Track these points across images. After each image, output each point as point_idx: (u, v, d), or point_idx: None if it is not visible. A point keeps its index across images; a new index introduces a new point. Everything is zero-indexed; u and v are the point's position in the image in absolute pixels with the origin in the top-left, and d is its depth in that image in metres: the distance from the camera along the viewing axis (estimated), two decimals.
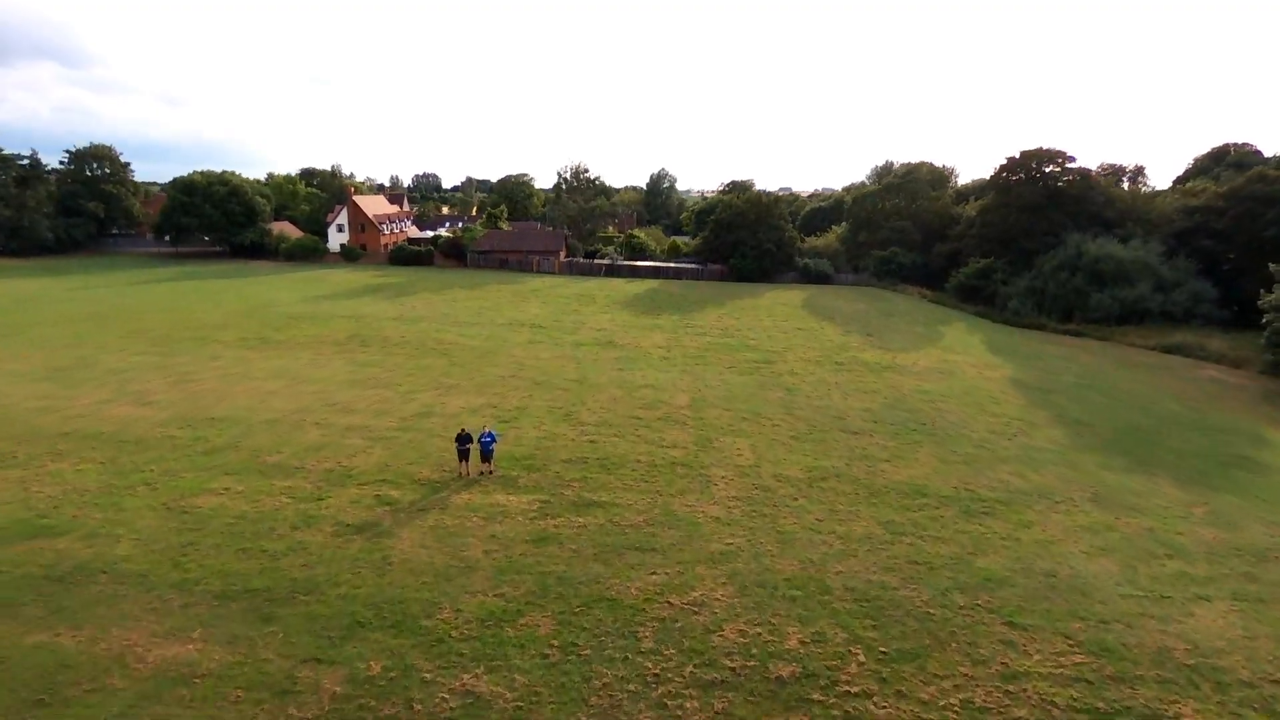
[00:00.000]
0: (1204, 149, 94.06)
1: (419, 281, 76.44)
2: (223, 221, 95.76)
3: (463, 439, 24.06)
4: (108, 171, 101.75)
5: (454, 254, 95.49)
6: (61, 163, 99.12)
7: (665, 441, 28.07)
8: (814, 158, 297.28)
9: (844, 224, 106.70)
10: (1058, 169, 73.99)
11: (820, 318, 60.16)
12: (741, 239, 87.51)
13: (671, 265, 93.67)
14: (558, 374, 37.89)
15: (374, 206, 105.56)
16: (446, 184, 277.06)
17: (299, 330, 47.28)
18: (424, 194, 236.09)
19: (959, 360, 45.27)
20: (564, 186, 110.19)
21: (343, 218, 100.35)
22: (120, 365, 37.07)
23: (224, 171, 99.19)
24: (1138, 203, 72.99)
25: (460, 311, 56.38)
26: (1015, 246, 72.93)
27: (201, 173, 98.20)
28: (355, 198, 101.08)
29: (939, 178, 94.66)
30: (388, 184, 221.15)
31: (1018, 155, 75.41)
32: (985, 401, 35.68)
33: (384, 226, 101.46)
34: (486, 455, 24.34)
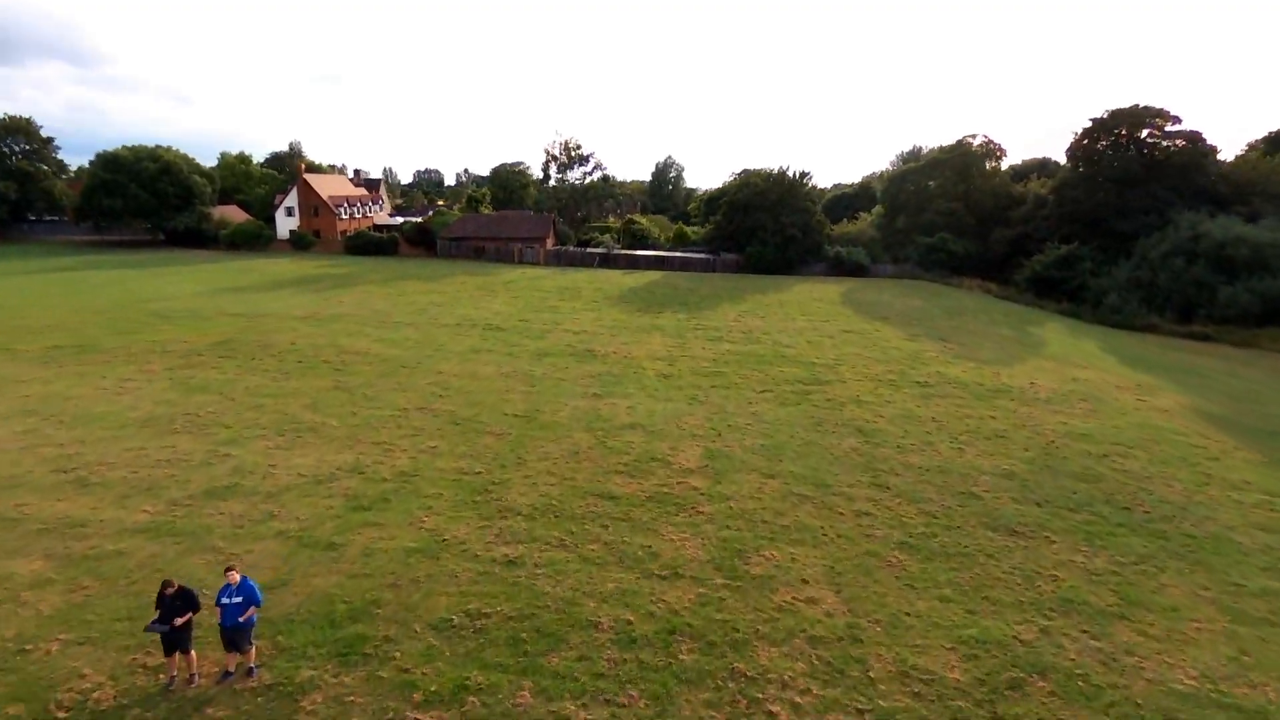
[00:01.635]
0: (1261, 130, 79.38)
1: (370, 272, 62.75)
2: (153, 204, 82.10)
3: (173, 604, 10.24)
4: (25, 148, 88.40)
5: (422, 242, 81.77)
6: None
7: (658, 560, 14.23)
8: (828, 151, 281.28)
9: (876, 209, 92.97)
10: (1157, 133, 59.77)
11: (870, 317, 46.13)
12: (760, 223, 73.46)
13: (678, 255, 79.72)
14: (496, 403, 24.10)
15: (330, 187, 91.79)
16: (450, 180, 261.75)
17: (152, 334, 33.55)
18: (424, 190, 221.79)
19: (1093, 379, 31.17)
20: (553, 165, 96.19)
21: (293, 199, 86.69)
22: None
23: (156, 146, 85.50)
24: (1261, 172, 58.66)
25: (399, 308, 42.61)
26: (1105, 229, 58.81)
27: (129, 147, 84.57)
28: (307, 176, 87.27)
29: (991, 152, 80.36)
30: (382, 177, 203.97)
31: (1104, 115, 61.16)
32: (1193, 456, 21.63)
33: (342, 210, 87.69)
34: (234, 638, 10.56)
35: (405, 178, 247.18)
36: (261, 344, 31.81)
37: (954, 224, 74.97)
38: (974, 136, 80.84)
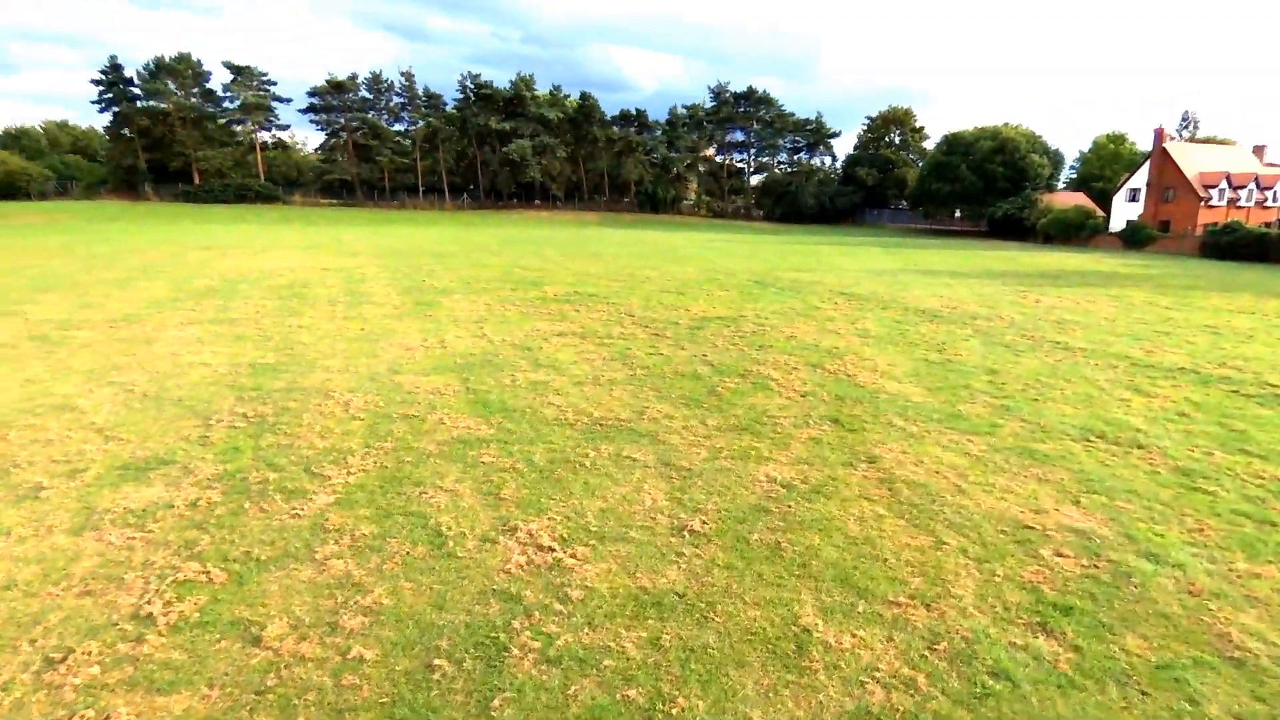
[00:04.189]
0: None
1: (1177, 277, 38.44)
2: (977, 187, 73.70)
3: None
4: (895, 138, 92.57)
5: None
6: (863, 125, 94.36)
7: None
8: None
9: None
10: None
11: None
12: None
13: None
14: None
15: (1204, 161, 63.12)
16: None
17: (659, 297, 24.58)
18: None
19: None
20: None
21: (1141, 178, 63.27)
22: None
23: (1004, 124, 75.83)
24: None
25: (1111, 328, 21.22)
26: None
27: (978, 127, 77.54)
28: (1167, 146, 61.92)
29: None
30: None
31: None
32: None
33: (1214, 193, 59.29)
34: None
35: None
36: (758, 332, 18.75)
37: None
38: None
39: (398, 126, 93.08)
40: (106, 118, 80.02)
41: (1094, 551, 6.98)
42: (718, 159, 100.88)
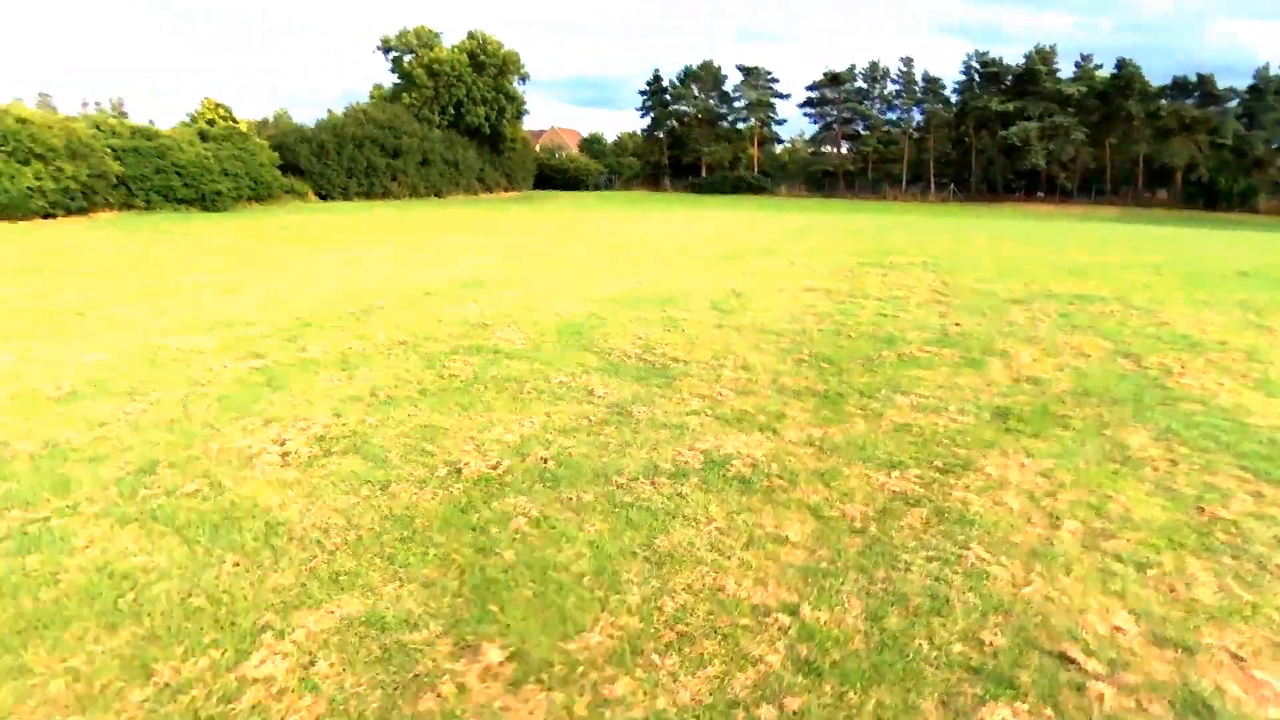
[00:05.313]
0: None
1: None
2: None
3: None
4: None
5: None
6: None
7: None
8: None
9: None
10: None
11: None
12: None
13: None
14: None
15: None
16: None
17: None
18: None
19: None
20: None
21: None
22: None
23: None
24: None
25: None
26: None
27: None
28: None
29: None
30: None
31: None
32: None
33: None
34: None
35: None
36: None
37: None
38: None
39: (890, 115, 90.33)
40: (646, 121, 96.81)
41: None
42: None
